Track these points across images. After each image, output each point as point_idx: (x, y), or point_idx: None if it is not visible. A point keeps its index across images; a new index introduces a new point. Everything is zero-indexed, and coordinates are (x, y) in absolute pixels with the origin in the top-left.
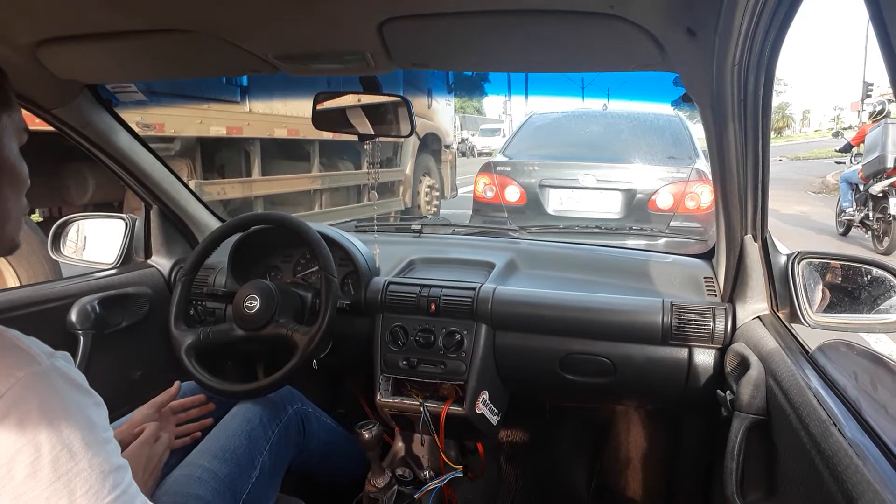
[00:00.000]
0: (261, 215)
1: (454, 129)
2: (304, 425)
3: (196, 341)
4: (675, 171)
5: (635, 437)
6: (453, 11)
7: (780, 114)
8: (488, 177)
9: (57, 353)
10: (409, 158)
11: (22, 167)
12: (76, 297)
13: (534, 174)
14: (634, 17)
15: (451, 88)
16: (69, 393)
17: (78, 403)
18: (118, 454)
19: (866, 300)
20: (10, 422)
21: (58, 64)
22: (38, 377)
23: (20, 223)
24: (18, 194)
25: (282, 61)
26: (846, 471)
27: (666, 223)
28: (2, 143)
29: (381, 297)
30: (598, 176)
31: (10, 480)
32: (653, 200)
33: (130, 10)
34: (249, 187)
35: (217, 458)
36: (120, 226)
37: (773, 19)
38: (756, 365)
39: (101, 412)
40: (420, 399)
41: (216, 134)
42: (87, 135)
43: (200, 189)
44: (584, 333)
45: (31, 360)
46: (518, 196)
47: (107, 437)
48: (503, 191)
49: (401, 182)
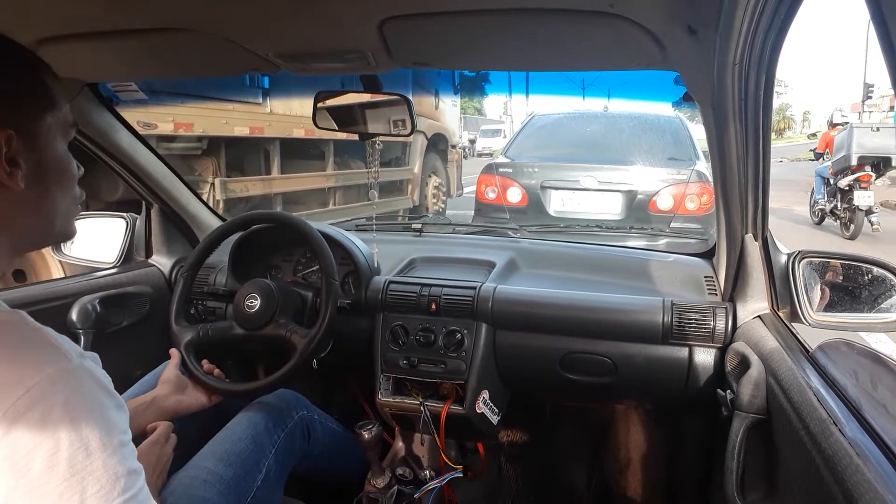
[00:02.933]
0: (261, 214)
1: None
2: (308, 432)
3: (196, 338)
4: (676, 172)
5: (635, 436)
6: (453, 10)
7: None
8: (490, 178)
9: (87, 354)
10: (418, 158)
11: (70, 164)
12: (77, 297)
13: (535, 175)
14: (635, 16)
15: (458, 89)
16: (94, 393)
17: (101, 404)
18: (134, 458)
19: (867, 299)
20: (33, 415)
21: (58, 62)
22: (67, 374)
23: (71, 215)
24: (68, 190)
25: (282, 60)
26: (846, 470)
27: (666, 224)
28: (48, 145)
29: (382, 297)
30: (599, 177)
31: (26, 472)
32: (653, 202)
33: (131, 9)
34: (269, 185)
35: (222, 461)
36: (121, 225)
37: (773, 19)
38: (756, 364)
39: (122, 415)
40: (420, 398)
41: (240, 134)
42: (87, 133)
43: (225, 187)
44: (585, 333)
45: (61, 356)
46: (520, 197)
47: (124, 440)
48: (505, 192)
49: (409, 181)
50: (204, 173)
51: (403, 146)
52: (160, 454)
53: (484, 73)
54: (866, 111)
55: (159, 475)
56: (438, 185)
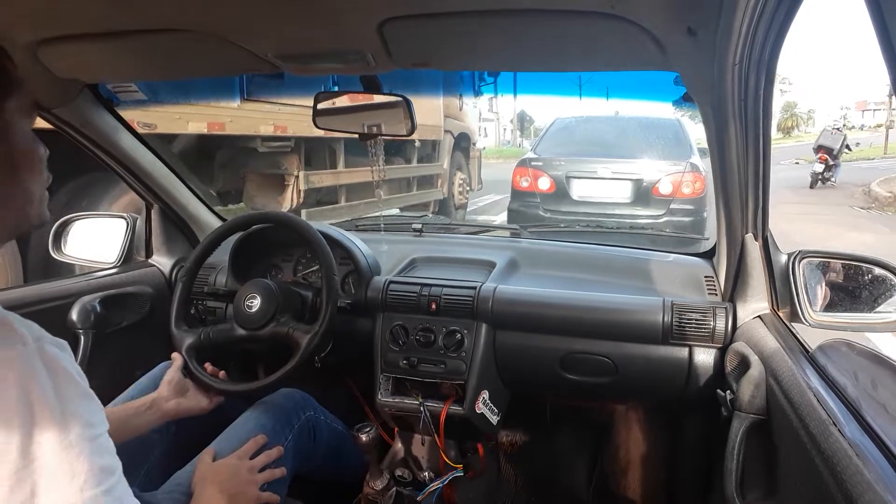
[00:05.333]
0: (261, 214)
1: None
2: (314, 433)
3: (197, 342)
4: (674, 164)
5: (635, 437)
6: (453, 11)
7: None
8: (524, 170)
9: (49, 339)
10: (446, 155)
11: (37, 148)
12: (77, 296)
13: (561, 167)
14: (635, 17)
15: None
16: (51, 379)
17: (59, 392)
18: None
19: (867, 299)
20: None
21: (58, 63)
22: (20, 358)
23: (44, 200)
24: (38, 175)
25: (282, 60)
26: (846, 471)
27: (667, 206)
28: (12, 129)
29: (382, 297)
30: (613, 169)
31: None
32: (656, 188)
33: (131, 10)
34: (337, 177)
35: None
36: (121, 225)
37: (773, 19)
38: (756, 364)
39: (88, 405)
40: (420, 399)
41: (317, 134)
42: (87, 134)
43: (307, 178)
44: (585, 333)
45: (16, 340)
46: (549, 185)
47: (93, 433)
48: (536, 181)
49: (439, 175)
50: (290, 167)
51: (434, 145)
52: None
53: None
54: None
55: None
56: (463, 180)
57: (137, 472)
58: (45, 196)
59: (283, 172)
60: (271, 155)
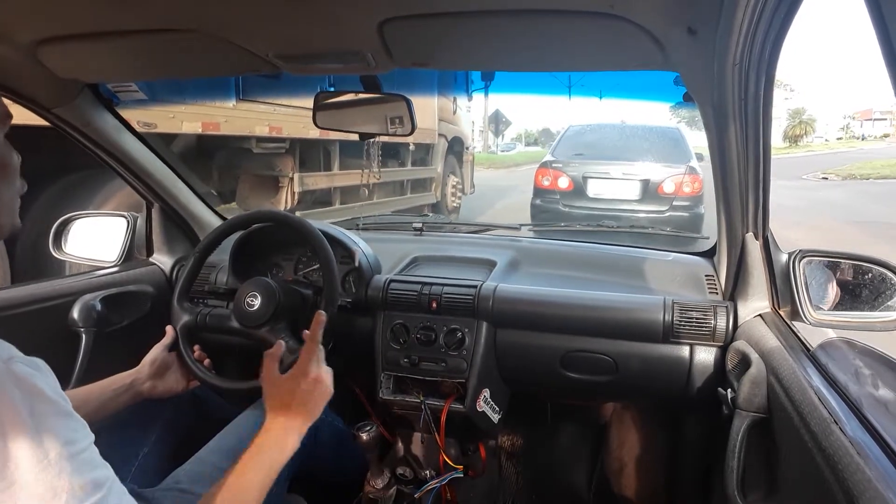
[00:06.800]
0: (262, 213)
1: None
2: (315, 432)
3: (192, 321)
4: (675, 166)
5: (635, 436)
6: (453, 11)
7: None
8: (546, 171)
9: (21, 358)
10: (440, 159)
11: (10, 155)
12: (78, 295)
13: (578, 169)
14: (635, 17)
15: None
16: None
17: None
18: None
19: (867, 298)
20: None
21: (58, 63)
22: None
23: (16, 208)
24: (10, 182)
25: (282, 61)
26: (847, 469)
27: (670, 203)
28: None
29: (383, 295)
30: (623, 170)
31: None
32: (661, 187)
33: (131, 10)
34: (332, 179)
35: (229, 457)
36: (122, 223)
37: (773, 18)
38: (757, 363)
39: (67, 422)
40: (421, 397)
41: (312, 136)
42: (87, 133)
43: (301, 180)
44: (586, 331)
45: None
46: (567, 184)
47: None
48: (556, 180)
49: (433, 179)
50: (284, 169)
51: (427, 148)
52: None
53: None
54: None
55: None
56: (456, 183)
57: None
58: (15, 204)
59: (278, 174)
60: (266, 156)
